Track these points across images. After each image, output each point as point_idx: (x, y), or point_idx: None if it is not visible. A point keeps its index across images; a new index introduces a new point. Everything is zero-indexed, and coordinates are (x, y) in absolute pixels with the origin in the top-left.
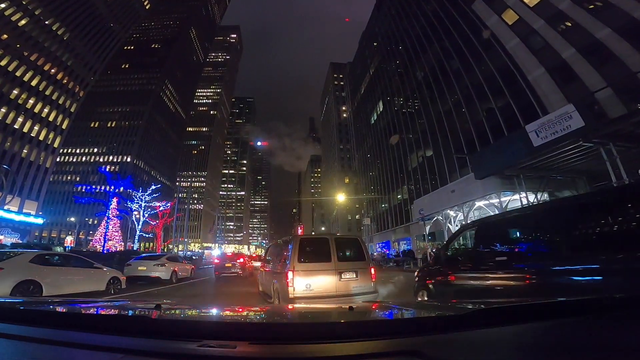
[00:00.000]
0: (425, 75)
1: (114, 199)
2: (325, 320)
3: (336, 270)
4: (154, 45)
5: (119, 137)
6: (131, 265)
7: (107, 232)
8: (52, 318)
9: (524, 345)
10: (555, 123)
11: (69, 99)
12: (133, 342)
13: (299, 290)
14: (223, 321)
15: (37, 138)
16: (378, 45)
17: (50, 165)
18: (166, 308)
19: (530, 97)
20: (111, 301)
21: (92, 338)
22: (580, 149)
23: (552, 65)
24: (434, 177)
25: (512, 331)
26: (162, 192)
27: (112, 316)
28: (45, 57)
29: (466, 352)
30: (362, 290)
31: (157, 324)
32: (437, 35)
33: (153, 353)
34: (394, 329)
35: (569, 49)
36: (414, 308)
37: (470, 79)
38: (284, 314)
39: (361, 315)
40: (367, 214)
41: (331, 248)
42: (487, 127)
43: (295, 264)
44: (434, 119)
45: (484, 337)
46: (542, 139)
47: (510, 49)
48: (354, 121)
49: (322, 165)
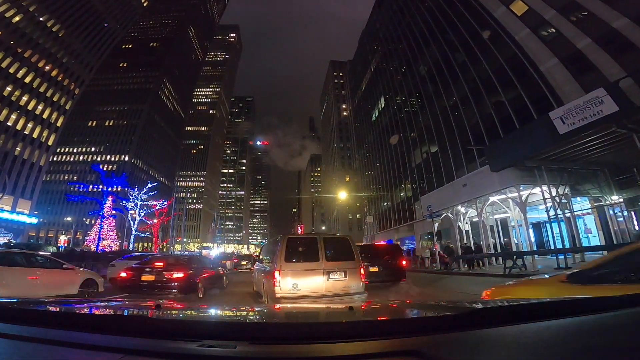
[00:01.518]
0: (430, 69)
1: (109, 197)
2: (325, 320)
3: (324, 270)
4: (153, 43)
5: (116, 136)
6: (115, 266)
7: (101, 231)
8: (52, 318)
9: (524, 345)
10: (584, 109)
11: (64, 96)
12: (133, 342)
13: (285, 290)
14: (223, 321)
15: (31, 136)
16: (380, 41)
17: (45, 164)
18: (166, 308)
19: (544, 88)
20: (111, 301)
21: (92, 338)
22: (610, 137)
23: (566, 56)
24: (439, 173)
25: (512, 331)
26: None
27: (112, 316)
28: (40, 53)
29: (466, 352)
30: (351, 290)
31: (157, 324)
32: (441, 28)
33: (153, 353)
34: (394, 329)
35: (584, 39)
36: (413, 308)
37: (478, 72)
38: (284, 314)
39: (361, 315)
40: (369, 212)
41: (319, 247)
42: (496, 120)
43: (281, 264)
44: (439, 114)
45: (484, 337)
46: (568, 125)
47: (520, 40)
48: (355, 119)
49: (322, 165)
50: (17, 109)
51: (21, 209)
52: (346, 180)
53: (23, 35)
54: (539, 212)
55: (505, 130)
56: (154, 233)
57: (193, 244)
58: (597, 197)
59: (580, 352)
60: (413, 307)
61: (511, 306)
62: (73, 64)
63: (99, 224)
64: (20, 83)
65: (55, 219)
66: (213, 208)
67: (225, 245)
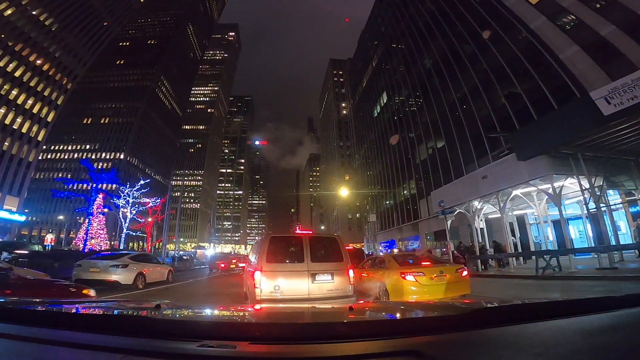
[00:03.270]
0: (436, 62)
1: (100, 194)
2: (326, 320)
3: (309, 271)
4: (150, 41)
5: (112, 133)
6: (81, 265)
7: (89, 229)
8: (52, 318)
9: (524, 345)
10: (633, 87)
11: (55, 91)
12: (133, 342)
13: (266, 292)
14: (223, 321)
15: (20, 131)
16: (382, 35)
17: (34, 160)
18: (166, 308)
19: (564, 76)
20: (111, 301)
21: (92, 338)
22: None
23: (589, 43)
24: (447, 168)
25: (512, 331)
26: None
27: (112, 316)
28: (31, 47)
29: (466, 352)
30: (338, 293)
31: (157, 324)
32: (447, 19)
33: (153, 353)
34: (394, 329)
35: (607, 26)
36: (414, 308)
37: (489, 63)
38: (284, 313)
39: (361, 315)
40: (371, 210)
41: (305, 248)
42: (511, 112)
43: (262, 264)
44: (447, 107)
45: (484, 337)
46: (615, 106)
47: (535, 28)
48: (355, 116)
49: (321, 164)
50: (6, 103)
51: (9, 206)
52: (346, 178)
53: (14, 28)
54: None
55: (521, 121)
56: (147, 232)
57: (190, 243)
58: (630, 191)
59: (580, 352)
60: (413, 307)
61: (511, 306)
62: (66, 58)
63: (88, 221)
64: (10, 77)
65: (48, 217)
66: (210, 207)
67: (223, 245)
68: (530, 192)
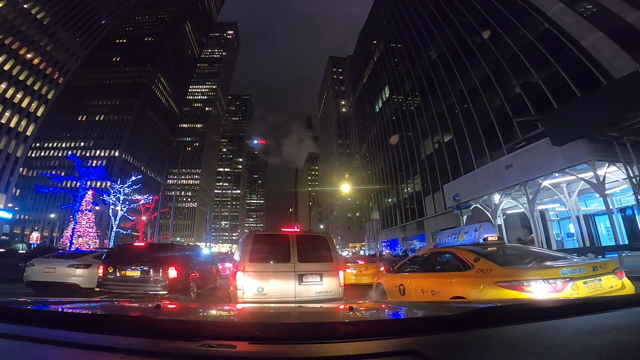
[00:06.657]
0: (442, 53)
1: (90, 191)
2: (326, 320)
3: (296, 272)
4: (147, 38)
5: (107, 130)
6: (34, 265)
7: (76, 227)
8: (52, 318)
9: (524, 345)
10: None
11: (46, 85)
12: (133, 342)
13: (249, 294)
14: (223, 321)
15: (8, 125)
16: (384, 29)
17: (22, 155)
18: (166, 308)
19: (587, 63)
20: (111, 301)
21: (92, 338)
22: None
23: (613, 30)
24: (455, 163)
25: (512, 331)
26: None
27: (112, 316)
28: (21, 40)
29: (466, 352)
30: (327, 296)
31: (157, 324)
32: (455, 9)
33: (153, 353)
34: (394, 329)
35: (633, 12)
36: (414, 308)
37: (502, 52)
38: (284, 313)
39: (361, 315)
40: (374, 208)
41: (291, 247)
42: (527, 102)
43: (245, 264)
44: (455, 100)
45: (484, 337)
46: None
47: (552, 16)
48: (356, 112)
49: (320, 163)
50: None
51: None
52: (345, 177)
53: (4, 21)
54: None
55: (540, 111)
56: (140, 230)
57: (186, 242)
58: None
59: (580, 352)
60: (413, 307)
61: (511, 306)
62: (57, 53)
63: (75, 219)
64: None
65: (40, 215)
66: (208, 207)
67: (220, 245)
68: (559, 184)
